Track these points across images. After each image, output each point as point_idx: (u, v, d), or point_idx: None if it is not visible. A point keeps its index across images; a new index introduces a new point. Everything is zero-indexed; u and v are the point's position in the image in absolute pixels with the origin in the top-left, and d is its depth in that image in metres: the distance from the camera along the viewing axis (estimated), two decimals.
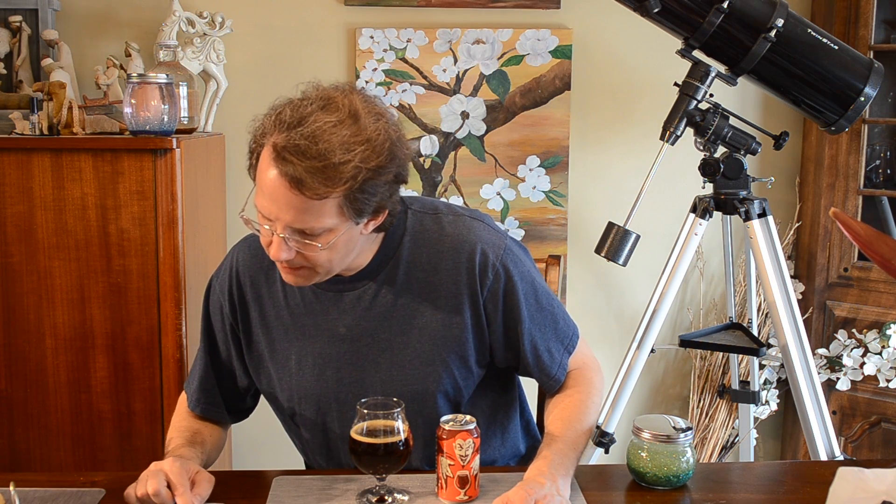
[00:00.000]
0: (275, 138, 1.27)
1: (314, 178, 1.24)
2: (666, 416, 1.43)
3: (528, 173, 2.76)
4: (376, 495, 1.34)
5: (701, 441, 2.79)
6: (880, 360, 2.50)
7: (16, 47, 2.52)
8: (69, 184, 2.11)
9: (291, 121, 1.27)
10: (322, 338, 1.46)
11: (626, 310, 2.84)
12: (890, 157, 2.77)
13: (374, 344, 1.45)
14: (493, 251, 1.45)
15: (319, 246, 1.30)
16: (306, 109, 1.28)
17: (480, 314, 1.45)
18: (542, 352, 1.49)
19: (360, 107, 1.30)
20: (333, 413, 1.48)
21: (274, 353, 1.49)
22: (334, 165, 1.25)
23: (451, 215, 1.48)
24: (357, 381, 1.46)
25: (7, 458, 2.18)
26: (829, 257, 2.67)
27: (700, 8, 1.92)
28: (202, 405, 1.55)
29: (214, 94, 2.60)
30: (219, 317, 1.53)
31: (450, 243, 1.44)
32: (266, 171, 1.28)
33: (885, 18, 2.63)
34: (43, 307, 2.14)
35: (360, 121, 1.29)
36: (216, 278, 1.55)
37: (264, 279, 1.49)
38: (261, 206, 1.31)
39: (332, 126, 1.26)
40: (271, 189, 1.27)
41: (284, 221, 1.29)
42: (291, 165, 1.24)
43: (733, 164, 2.04)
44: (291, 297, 1.48)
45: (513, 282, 1.45)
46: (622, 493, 1.40)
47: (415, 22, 2.69)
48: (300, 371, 1.47)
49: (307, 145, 1.24)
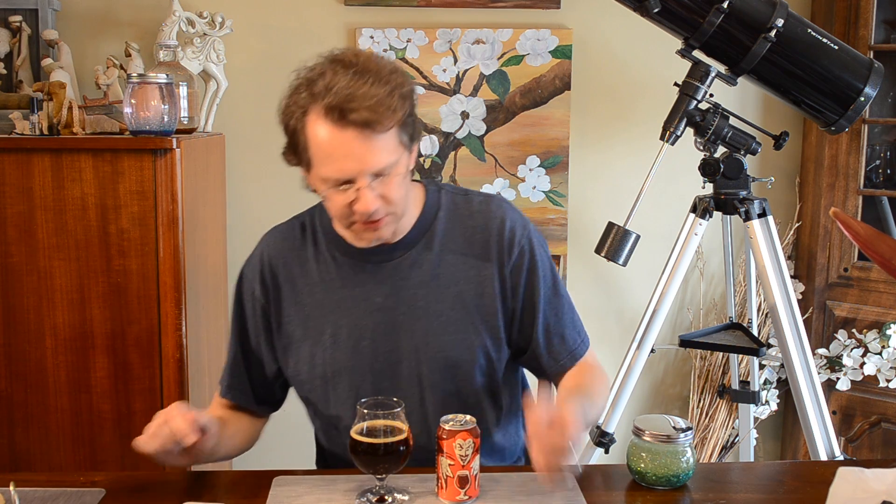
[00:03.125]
0: (320, 105, 1.34)
1: (378, 115, 1.33)
2: (666, 416, 1.43)
3: (528, 173, 2.76)
4: (376, 495, 1.34)
5: (701, 441, 2.79)
6: (880, 360, 2.50)
7: (16, 47, 2.52)
8: (69, 184, 2.11)
9: (325, 85, 1.34)
10: (359, 309, 1.50)
11: (626, 310, 2.84)
12: (890, 157, 2.77)
13: (410, 312, 1.49)
14: (520, 228, 1.53)
15: (402, 170, 1.39)
16: (328, 74, 1.35)
17: (507, 286, 1.51)
18: (553, 335, 1.53)
19: (362, 52, 1.42)
20: (367, 385, 1.50)
21: (307, 330, 1.52)
22: (385, 98, 1.34)
23: (481, 196, 1.57)
24: (392, 349, 1.49)
25: (7, 458, 2.18)
26: (829, 257, 2.67)
27: (700, 8, 1.93)
28: (233, 391, 1.59)
29: (214, 94, 2.60)
30: (250, 303, 1.57)
31: (481, 219, 1.52)
32: (328, 136, 1.35)
33: (885, 18, 2.63)
34: (43, 307, 2.14)
35: (375, 59, 1.39)
36: (247, 266, 1.60)
37: (296, 260, 1.55)
38: (334, 171, 1.36)
39: (360, 72, 1.35)
40: (343, 147, 1.34)
41: (365, 170, 1.35)
42: (355, 113, 1.32)
43: (733, 164, 2.05)
44: (326, 274, 1.52)
45: (535, 260, 1.52)
46: (622, 493, 1.40)
47: (415, 22, 2.69)
48: (335, 344, 1.50)
49: (355, 93, 1.32)
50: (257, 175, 2.73)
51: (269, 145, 2.76)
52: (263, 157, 2.73)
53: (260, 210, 2.75)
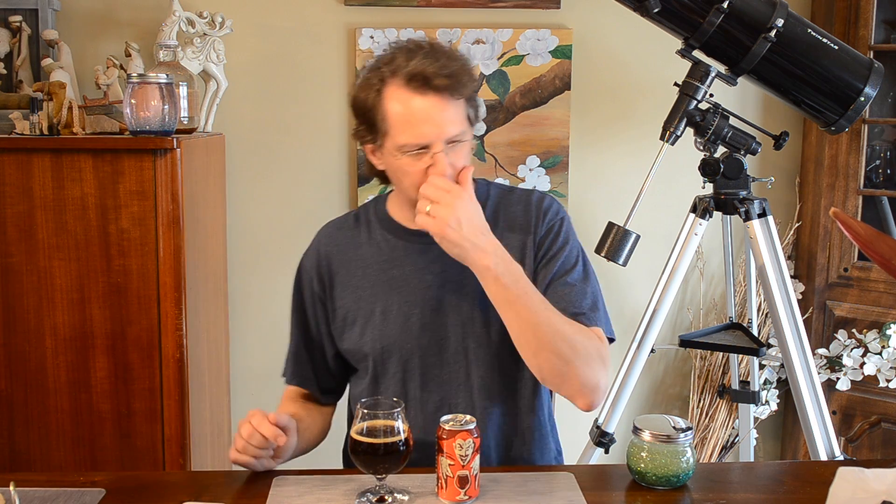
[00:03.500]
0: (402, 75, 1.46)
1: (456, 82, 1.46)
2: (666, 416, 1.43)
3: (528, 173, 2.76)
4: (376, 495, 1.34)
5: (701, 441, 2.79)
6: (880, 360, 2.50)
7: (16, 47, 2.52)
8: (69, 184, 2.11)
9: (405, 59, 1.46)
10: (409, 286, 1.58)
11: (626, 310, 2.84)
12: (890, 157, 2.77)
13: (459, 289, 1.56)
14: (556, 207, 1.63)
15: (468, 142, 1.51)
16: (404, 52, 1.48)
17: (538, 256, 1.58)
18: (558, 286, 1.54)
19: (431, 39, 1.57)
20: (416, 360, 1.57)
21: (360, 308, 1.60)
22: (459, 70, 1.48)
23: (526, 189, 1.69)
24: (440, 324, 1.56)
25: (7, 458, 2.18)
26: (829, 257, 2.67)
27: (700, 8, 1.92)
28: (297, 378, 1.67)
29: (214, 94, 2.60)
30: (309, 293, 1.65)
31: (522, 204, 1.63)
32: (409, 102, 1.46)
33: (885, 18, 2.63)
34: (43, 307, 2.14)
35: (444, 43, 1.55)
36: (305, 258, 1.68)
37: (350, 244, 1.64)
38: (413, 136, 1.46)
39: (434, 50, 1.49)
40: (423, 112, 1.46)
41: (443, 135, 1.46)
42: (437, 79, 1.44)
43: (733, 164, 2.04)
44: (379, 255, 1.61)
45: (563, 236, 1.60)
46: (622, 493, 1.40)
47: (415, 22, 2.69)
48: (385, 321, 1.57)
49: (434, 63, 1.45)
50: (257, 175, 2.73)
51: (269, 145, 2.78)
52: (263, 157, 2.73)
53: (260, 210, 2.75)
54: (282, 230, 2.75)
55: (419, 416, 1.57)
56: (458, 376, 1.57)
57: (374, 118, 1.50)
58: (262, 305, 2.77)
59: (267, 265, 2.76)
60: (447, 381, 1.57)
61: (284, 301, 1.74)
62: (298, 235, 1.90)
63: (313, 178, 2.75)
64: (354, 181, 2.74)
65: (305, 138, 2.72)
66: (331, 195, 2.75)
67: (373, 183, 2.70)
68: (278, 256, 2.74)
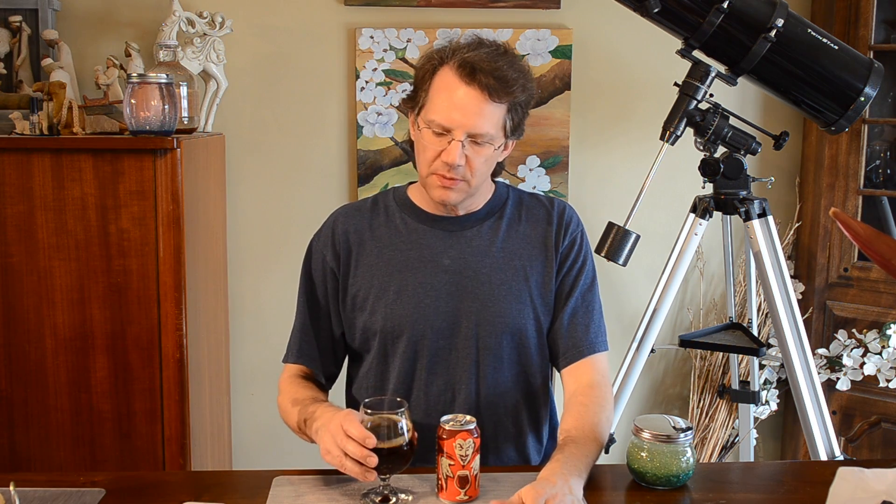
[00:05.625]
0: (458, 58, 1.50)
1: (500, 85, 1.49)
2: (666, 416, 1.43)
3: (528, 173, 2.76)
4: (380, 495, 1.34)
5: (701, 441, 2.79)
6: (880, 360, 2.50)
7: (16, 47, 2.52)
8: (69, 184, 2.11)
9: (469, 47, 1.51)
10: (425, 269, 1.60)
11: (626, 310, 2.84)
12: (890, 157, 2.77)
13: (475, 277, 1.59)
14: (576, 220, 1.67)
15: (493, 147, 1.53)
16: (474, 44, 1.52)
17: (558, 266, 1.62)
18: (579, 321, 1.60)
19: (508, 43, 1.59)
20: (426, 342, 1.58)
21: (373, 286, 1.61)
22: (511, 78, 1.51)
23: (546, 196, 1.72)
24: (453, 310, 1.58)
25: (7, 458, 2.18)
26: (829, 257, 2.67)
27: (700, 8, 1.92)
28: (303, 357, 1.65)
29: (214, 94, 2.60)
30: (319, 270, 1.66)
31: (544, 210, 1.67)
32: (452, 85, 1.50)
33: (885, 18, 2.63)
34: (43, 307, 2.14)
35: (517, 54, 1.58)
36: (316, 238, 1.69)
37: (367, 225, 1.65)
38: (441, 117, 1.50)
39: (501, 52, 1.53)
40: (459, 99, 1.49)
41: (466, 128, 1.49)
42: (483, 75, 1.47)
43: (733, 164, 2.05)
44: (397, 236, 1.63)
45: (584, 252, 1.65)
46: (622, 493, 1.40)
47: (415, 22, 2.69)
48: (398, 300, 1.59)
49: (490, 62, 1.49)
50: (257, 175, 2.73)
51: (269, 145, 2.78)
52: (263, 157, 2.73)
53: (260, 210, 2.75)
54: (282, 230, 2.75)
55: (423, 398, 1.58)
56: (465, 363, 1.58)
57: (420, 88, 1.55)
58: (262, 305, 2.77)
59: (267, 265, 2.76)
60: (455, 365, 1.58)
61: (284, 301, 1.74)
62: (298, 235, 1.90)
63: (313, 179, 2.75)
64: (354, 181, 2.74)
65: (305, 138, 2.72)
66: (331, 195, 2.75)
67: (373, 183, 2.70)
68: (278, 256, 2.74)
